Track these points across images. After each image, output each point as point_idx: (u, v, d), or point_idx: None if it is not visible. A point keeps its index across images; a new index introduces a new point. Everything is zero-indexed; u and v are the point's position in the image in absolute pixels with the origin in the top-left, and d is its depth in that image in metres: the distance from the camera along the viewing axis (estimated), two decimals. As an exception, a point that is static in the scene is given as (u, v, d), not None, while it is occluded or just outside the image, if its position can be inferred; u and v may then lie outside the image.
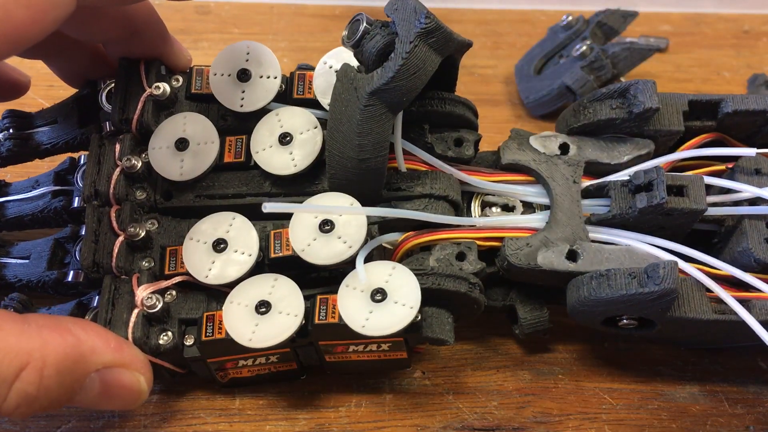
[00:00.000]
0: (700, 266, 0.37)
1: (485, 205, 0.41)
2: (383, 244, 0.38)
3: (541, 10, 0.63)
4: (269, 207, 0.34)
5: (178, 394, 0.40)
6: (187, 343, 0.36)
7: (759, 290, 0.37)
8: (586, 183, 0.40)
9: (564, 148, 0.41)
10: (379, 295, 0.35)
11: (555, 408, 0.40)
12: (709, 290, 0.37)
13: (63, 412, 0.39)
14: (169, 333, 0.36)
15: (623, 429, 0.40)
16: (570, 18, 0.56)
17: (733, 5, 0.65)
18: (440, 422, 0.39)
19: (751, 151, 0.40)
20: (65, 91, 0.44)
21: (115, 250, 0.37)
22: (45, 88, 0.47)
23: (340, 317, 0.35)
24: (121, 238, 0.37)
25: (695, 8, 0.65)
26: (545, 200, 0.40)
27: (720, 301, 0.37)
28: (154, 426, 0.39)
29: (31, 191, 0.42)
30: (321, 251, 0.36)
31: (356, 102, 0.35)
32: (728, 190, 0.40)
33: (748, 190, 0.39)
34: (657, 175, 0.37)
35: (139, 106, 0.39)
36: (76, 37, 0.39)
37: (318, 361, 0.38)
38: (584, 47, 0.53)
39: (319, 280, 0.38)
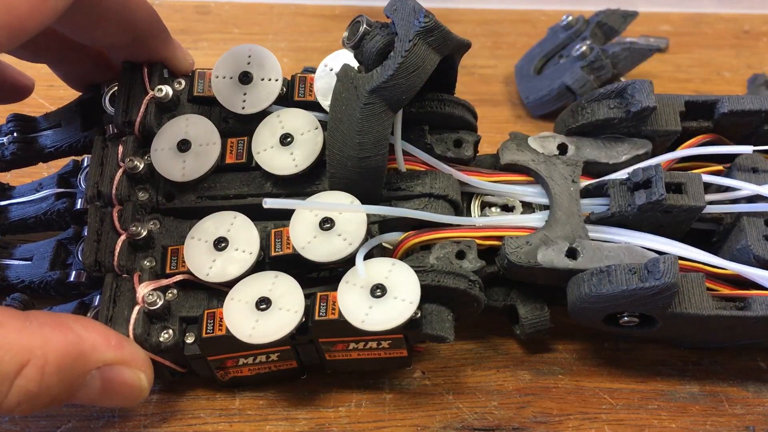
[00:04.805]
0: (701, 265, 0.38)
1: (485, 206, 0.41)
2: (383, 244, 0.38)
3: (541, 10, 0.63)
4: (269, 203, 0.34)
5: (178, 394, 0.40)
6: (188, 341, 0.36)
7: (759, 286, 0.37)
8: (585, 183, 0.40)
9: (562, 149, 0.41)
10: (378, 290, 0.35)
11: (555, 408, 0.40)
12: (709, 287, 0.37)
13: (63, 411, 0.39)
14: (170, 331, 0.36)
15: (623, 429, 0.40)
16: (570, 18, 0.56)
17: (733, 5, 0.65)
18: (440, 422, 0.39)
19: (747, 149, 0.40)
20: (65, 90, 0.45)
21: (117, 248, 0.37)
22: (45, 88, 0.47)
23: (340, 313, 0.35)
24: (123, 237, 0.37)
25: (695, 8, 0.65)
26: (544, 200, 0.40)
27: (720, 297, 0.37)
28: (154, 426, 0.39)
29: (34, 194, 0.43)
30: (321, 248, 0.36)
31: (356, 100, 0.35)
32: (726, 189, 0.40)
33: (746, 188, 0.39)
34: (655, 173, 0.37)
35: (142, 109, 0.40)
36: (79, 41, 0.39)
37: (318, 359, 0.38)
38: (584, 47, 0.53)
39: (320, 280, 0.38)
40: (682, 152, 0.41)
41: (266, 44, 0.41)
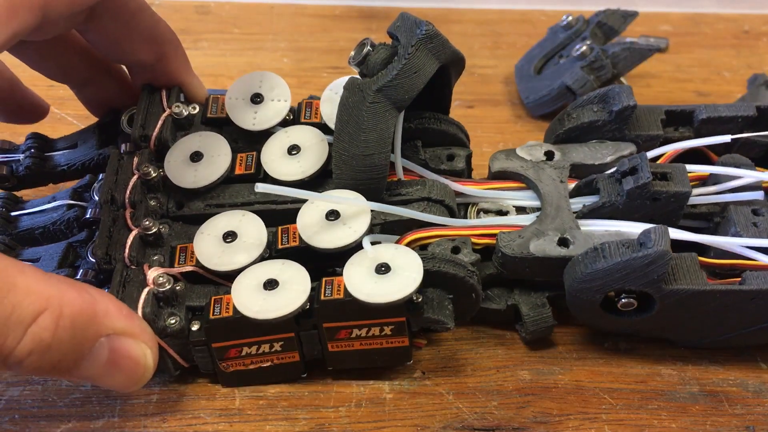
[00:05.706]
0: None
1: (480, 213, 0.42)
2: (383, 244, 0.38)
3: (541, 10, 0.64)
4: (261, 187, 0.36)
5: (178, 394, 0.40)
6: (194, 328, 0.37)
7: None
8: (574, 185, 0.42)
9: (549, 155, 0.43)
10: (383, 268, 0.36)
11: (555, 408, 0.40)
12: (707, 271, 0.38)
13: (63, 411, 0.39)
14: (177, 317, 0.37)
15: (623, 429, 0.39)
16: (570, 18, 0.56)
17: (733, 5, 0.66)
18: (440, 422, 0.39)
19: (725, 138, 0.41)
20: (65, 90, 0.45)
21: (129, 241, 0.38)
22: (45, 88, 0.47)
23: (345, 292, 0.36)
24: (135, 232, 0.38)
25: (695, 8, 0.65)
26: (536, 203, 0.42)
27: (715, 274, 0.39)
28: (154, 426, 0.39)
29: (46, 205, 0.43)
30: (327, 236, 0.37)
31: (362, 101, 0.37)
32: (714, 183, 0.42)
33: (746, 174, 0.41)
34: (640, 160, 0.39)
35: (159, 123, 0.42)
36: (109, 56, 0.42)
37: (320, 351, 0.39)
38: (584, 47, 0.53)
39: (326, 274, 0.38)
40: (663, 148, 0.43)
41: (266, 44, 0.41)
